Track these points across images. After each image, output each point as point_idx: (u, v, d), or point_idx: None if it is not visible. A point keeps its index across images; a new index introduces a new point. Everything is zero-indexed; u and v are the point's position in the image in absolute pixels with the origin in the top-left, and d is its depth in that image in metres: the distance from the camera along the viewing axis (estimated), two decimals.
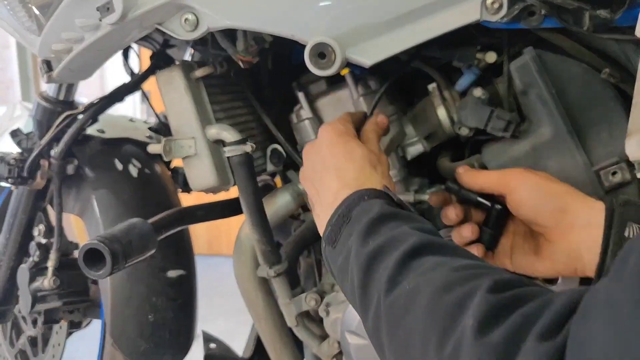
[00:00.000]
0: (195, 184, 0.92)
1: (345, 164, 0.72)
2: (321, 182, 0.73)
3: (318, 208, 0.75)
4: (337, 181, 0.71)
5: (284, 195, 0.97)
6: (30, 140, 1.24)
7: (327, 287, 0.94)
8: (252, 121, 1.02)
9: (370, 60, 0.75)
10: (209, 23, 0.77)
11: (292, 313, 0.92)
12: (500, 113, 0.80)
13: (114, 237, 0.83)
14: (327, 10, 0.75)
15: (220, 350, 1.22)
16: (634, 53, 0.76)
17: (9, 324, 1.50)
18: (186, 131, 0.90)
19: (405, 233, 0.58)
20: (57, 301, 1.27)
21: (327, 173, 0.72)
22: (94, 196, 1.21)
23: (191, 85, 0.90)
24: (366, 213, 0.62)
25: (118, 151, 1.27)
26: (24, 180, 1.19)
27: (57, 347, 1.42)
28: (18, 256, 1.34)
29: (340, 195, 0.68)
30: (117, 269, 0.82)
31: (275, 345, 1.02)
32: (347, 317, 0.83)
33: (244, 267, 0.98)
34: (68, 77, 0.94)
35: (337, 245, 0.64)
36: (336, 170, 0.72)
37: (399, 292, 0.52)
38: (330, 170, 0.72)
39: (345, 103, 0.90)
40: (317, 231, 0.98)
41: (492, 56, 0.85)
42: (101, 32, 0.81)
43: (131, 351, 1.18)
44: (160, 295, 1.19)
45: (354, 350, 0.83)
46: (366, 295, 0.56)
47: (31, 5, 0.87)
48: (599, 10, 0.71)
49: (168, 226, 0.97)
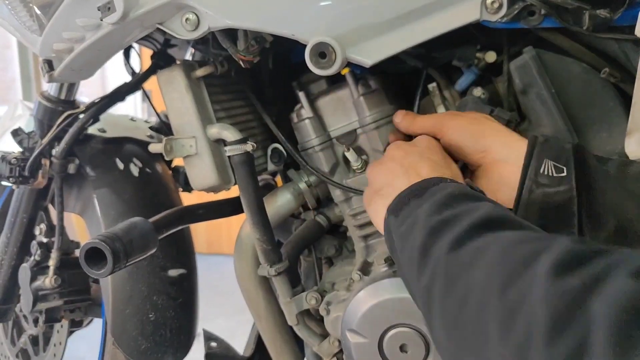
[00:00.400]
0: (196, 183, 0.92)
1: (444, 161, 0.72)
2: (412, 166, 0.70)
3: (380, 202, 0.71)
4: (410, 178, 0.68)
5: (285, 195, 0.97)
6: (32, 139, 1.24)
7: (327, 286, 0.94)
8: (252, 120, 1.02)
9: (370, 60, 0.75)
10: (210, 23, 0.77)
11: (293, 312, 0.92)
12: (500, 112, 0.80)
13: (115, 236, 0.83)
14: (327, 10, 0.75)
15: (221, 349, 1.22)
16: (633, 52, 0.76)
17: (10, 323, 1.50)
18: (187, 130, 0.90)
19: (480, 206, 0.56)
20: (58, 300, 1.28)
21: (422, 161, 0.70)
22: (95, 195, 1.21)
23: (192, 84, 0.90)
24: (442, 189, 0.61)
25: (119, 150, 1.27)
26: (25, 180, 1.19)
27: (58, 346, 1.42)
28: (19, 255, 1.35)
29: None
30: (118, 267, 0.83)
31: (275, 344, 1.02)
32: (348, 315, 0.83)
33: (245, 266, 0.98)
34: (69, 76, 0.94)
35: (401, 213, 0.63)
36: (432, 162, 0.70)
37: (464, 250, 0.51)
38: (426, 160, 0.70)
39: (345, 102, 0.90)
40: (318, 230, 0.99)
41: (492, 56, 0.85)
42: (102, 32, 0.81)
43: (132, 350, 1.18)
44: (161, 294, 1.19)
45: (355, 349, 0.83)
46: (426, 254, 0.55)
47: (32, 4, 0.87)
48: (599, 9, 0.71)
49: (169, 225, 0.98)
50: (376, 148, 0.90)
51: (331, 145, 0.92)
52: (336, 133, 0.92)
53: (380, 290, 0.81)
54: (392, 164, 0.72)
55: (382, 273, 0.83)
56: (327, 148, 0.92)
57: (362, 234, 0.94)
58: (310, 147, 0.92)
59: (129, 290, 1.18)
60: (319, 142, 0.91)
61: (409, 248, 0.59)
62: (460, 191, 0.60)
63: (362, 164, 0.90)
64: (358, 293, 0.82)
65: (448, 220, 0.55)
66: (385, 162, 0.74)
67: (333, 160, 0.92)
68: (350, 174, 0.92)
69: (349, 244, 1.04)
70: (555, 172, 0.66)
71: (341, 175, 0.93)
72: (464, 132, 0.74)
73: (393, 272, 0.83)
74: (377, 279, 0.82)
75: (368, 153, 0.91)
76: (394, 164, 0.72)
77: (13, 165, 1.18)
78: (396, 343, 0.81)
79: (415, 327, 0.80)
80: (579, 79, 0.79)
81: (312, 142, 0.92)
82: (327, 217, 0.99)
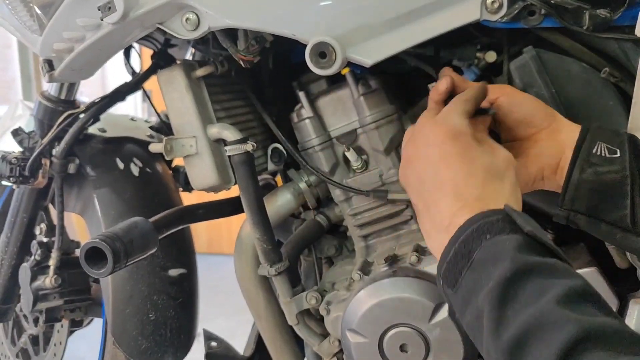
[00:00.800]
0: (196, 183, 0.92)
1: (465, 180, 0.61)
2: (432, 198, 0.63)
3: (428, 224, 0.64)
4: (454, 200, 0.60)
5: (285, 194, 0.97)
6: (32, 139, 1.25)
7: (327, 285, 0.94)
8: (252, 120, 1.02)
9: (370, 60, 0.75)
10: (210, 22, 0.77)
11: (293, 311, 0.92)
12: None
13: (116, 235, 0.83)
14: (327, 9, 0.75)
15: (221, 349, 1.22)
16: (633, 52, 0.76)
17: (10, 323, 1.50)
18: (187, 130, 0.90)
19: (556, 314, 0.47)
20: (58, 300, 1.28)
21: (441, 188, 0.62)
22: (96, 195, 1.21)
23: (192, 84, 0.90)
24: (494, 264, 0.53)
25: (119, 150, 1.27)
26: (25, 179, 1.19)
27: (58, 345, 1.42)
28: (19, 255, 1.35)
29: (457, 218, 0.59)
30: (119, 267, 0.83)
31: (275, 344, 1.02)
32: (348, 315, 0.83)
33: (245, 265, 0.98)
34: (69, 76, 0.94)
35: (459, 291, 0.56)
36: (453, 186, 0.61)
37: None
38: (446, 186, 0.61)
39: (345, 102, 0.90)
40: (318, 230, 0.99)
41: (492, 55, 0.85)
42: (102, 32, 0.81)
43: (132, 350, 1.18)
44: (161, 293, 1.19)
45: (355, 349, 0.83)
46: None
47: (33, 4, 0.87)
48: (599, 9, 0.71)
49: (169, 225, 0.98)
50: (376, 148, 0.90)
51: (331, 145, 0.92)
52: (336, 133, 0.92)
53: (381, 290, 0.81)
54: (433, 172, 0.63)
55: (383, 273, 0.83)
56: (327, 148, 0.92)
57: (362, 233, 0.94)
58: (310, 146, 0.92)
59: (129, 290, 1.18)
60: (319, 142, 0.91)
61: (473, 328, 0.54)
62: (514, 269, 0.51)
63: (362, 163, 0.90)
64: (358, 293, 0.83)
65: (520, 342, 0.47)
66: (428, 162, 0.65)
67: (333, 160, 0.92)
68: (351, 173, 0.92)
69: (349, 244, 1.04)
70: (608, 153, 0.65)
71: (341, 175, 0.93)
72: (531, 97, 0.74)
73: (393, 272, 0.83)
74: (377, 278, 0.82)
75: (368, 153, 0.91)
76: (435, 171, 0.63)
77: (13, 165, 1.18)
78: (396, 343, 0.81)
79: (416, 327, 0.80)
80: (579, 79, 0.79)
81: (312, 142, 0.92)
82: (327, 216, 0.99)
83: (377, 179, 0.91)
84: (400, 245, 0.92)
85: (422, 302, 0.79)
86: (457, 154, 0.62)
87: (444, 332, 0.79)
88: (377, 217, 0.92)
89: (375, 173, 0.91)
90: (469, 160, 0.62)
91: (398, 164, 0.91)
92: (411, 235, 0.92)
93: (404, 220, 0.92)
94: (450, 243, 0.58)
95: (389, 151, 0.90)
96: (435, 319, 0.79)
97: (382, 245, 0.94)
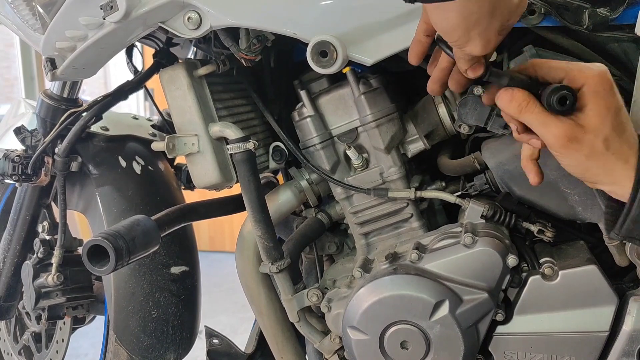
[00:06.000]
0: (198, 181, 0.92)
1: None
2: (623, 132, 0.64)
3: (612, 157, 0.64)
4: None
5: (286, 192, 0.97)
6: (34, 137, 1.25)
7: (328, 283, 0.95)
8: (254, 119, 1.03)
9: (371, 59, 0.76)
10: (212, 21, 0.77)
11: (294, 309, 0.93)
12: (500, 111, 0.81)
13: (118, 233, 0.84)
14: (329, 9, 0.76)
15: (222, 346, 1.22)
16: (633, 51, 0.76)
17: (13, 320, 1.51)
18: (189, 129, 0.91)
19: None
20: (60, 297, 1.28)
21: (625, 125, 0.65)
22: (98, 193, 1.22)
23: (194, 83, 0.91)
24: None
25: (122, 148, 1.27)
26: (28, 177, 1.20)
27: (60, 343, 1.42)
28: (22, 252, 1.35)
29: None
30: (121, 265, 0.83)
31: (277, 341, 1.03)
32: (349, 312, 0.84)
33: (247, 263, 0.98)
34: (72, 75, 0.95)
35: None
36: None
37: None
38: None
39: (346, 101, 0.91)
40: (319, 228, 0.99)
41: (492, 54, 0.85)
42: (105, 31, 0.82)
43: (134, 347, 1.19)
44: (163, 291, 1.20)
45: (356, 346, 0.83)
46: None
47: (35, 3, 0.88)
48: (599, 8, 0.71)
49: (171, 223, 0.98)
50: (377, 146, 0.90)
51: (332, 144, 0.93)
52: (337, 131, 0.92)
53: (381, 287, 0.82)
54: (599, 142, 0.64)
55: (383, 270, 0.84)
56: (328, 146, 0.92)
57: (362, 231, 0.94)
58: (311, 145, 0.93)
59: (132, 287, 1.19)
60: (320, 140, 0.92)
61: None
62: None
63: (363, 162, 0.91)
64: (359, 290, 0.83)
65: None
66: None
67: (334, 158, 0.93)
68: (351, 172, 0.93)
69: (349, 241, 1.05)
70: None
71: (342, 173, 0.93)
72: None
73: (393, 269, 0.83)
74: (378, 276, 0.83)
75: (369, 151, 0.91)
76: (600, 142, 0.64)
77: (16, 163, 1.19)
78: (397, 340, 0.81)
79: (416, 324, 0.80)
80: None
81: (314, 140, 0.92)
82: (328, 214, 1.00)
83: (377, 177, 0.91)
84: (400, 242, 0.93)
85: (422, 299, 0.79)
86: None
87: (445, 329, 0.79)
88: (378, 214, 0.93)
89: (376, 171, 0.91)
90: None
91: (399, 162, 0.91)
92: (411, 233, 0.93)
93: (405, 218, 0.92)
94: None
95: (390, 149, 0.90)
96: (435, 316, 0.79)
97: (383, 242, 0.94)
